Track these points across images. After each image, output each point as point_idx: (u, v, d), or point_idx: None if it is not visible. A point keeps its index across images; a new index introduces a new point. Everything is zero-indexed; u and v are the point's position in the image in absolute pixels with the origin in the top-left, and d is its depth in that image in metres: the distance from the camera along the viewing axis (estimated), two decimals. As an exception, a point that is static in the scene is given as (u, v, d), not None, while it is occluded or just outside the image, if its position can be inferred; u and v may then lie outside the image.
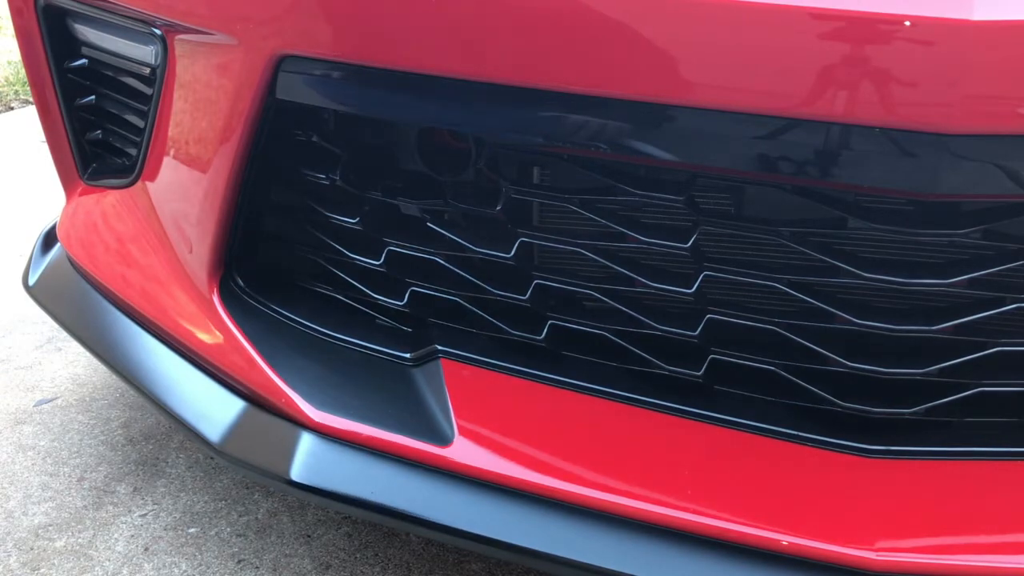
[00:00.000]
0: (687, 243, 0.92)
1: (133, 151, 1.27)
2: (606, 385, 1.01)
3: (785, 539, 0.87)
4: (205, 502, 1.50)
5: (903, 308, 0.92)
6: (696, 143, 0.84)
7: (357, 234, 1.11)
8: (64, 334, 1.65)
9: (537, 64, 0.83)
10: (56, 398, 1.76)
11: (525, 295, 1.03)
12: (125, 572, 1.36)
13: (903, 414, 0.92)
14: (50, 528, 1.44)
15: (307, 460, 1.03)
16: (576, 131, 0.87)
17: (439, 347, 1.08)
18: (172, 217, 1.22)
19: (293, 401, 1.03)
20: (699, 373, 0.97)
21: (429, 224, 1.06)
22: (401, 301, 1.12)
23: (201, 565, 1.38)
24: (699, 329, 0.95)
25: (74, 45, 1.31)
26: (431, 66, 0.89)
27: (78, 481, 1.54)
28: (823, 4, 0.73)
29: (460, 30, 0.85)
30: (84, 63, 1.32)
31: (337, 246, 1.12)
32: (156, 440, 1.66)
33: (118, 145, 1.36)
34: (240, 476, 1.54)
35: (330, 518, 1.46)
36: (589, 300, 1.02)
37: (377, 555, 1.39)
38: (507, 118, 0.90)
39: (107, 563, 1.38)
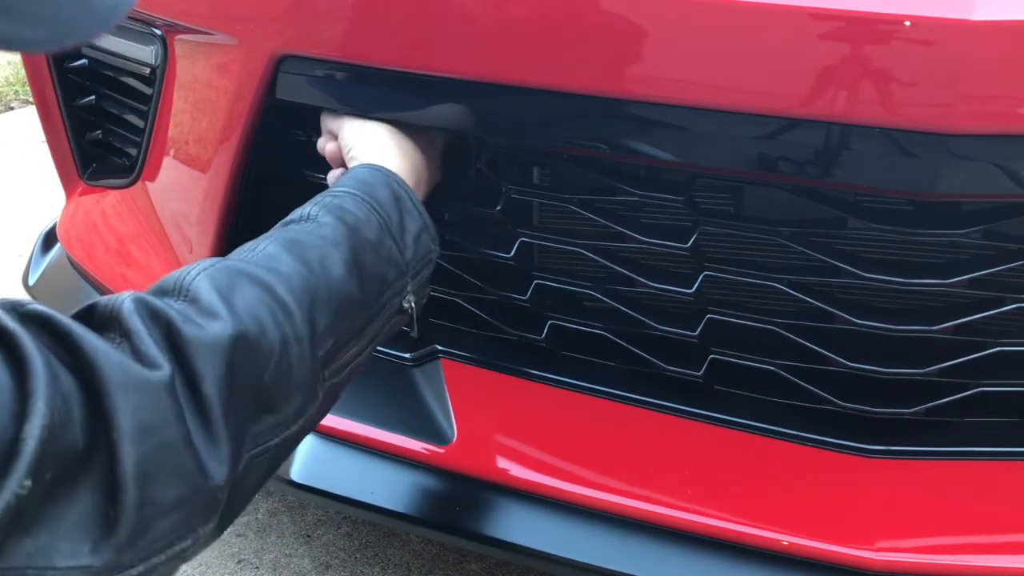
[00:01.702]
0: (687, 243, 0.92)
1: (133, 151, 1.27)
2: (606, 385, 1.01)
3: (785, 539, 0.87)
4: (205, 502, 1.50)
5: (903, 308, 0.92)
6: (697, 143, 0.84)
7: (357, 234, 1.10)
8: (64, 334, 1.64)
9: (537, 64, 0.83)
10: (56, 398, 1.76)
11: (525, 295, 1.03)
12: (125, 572, 1.36)
13: (903, 414, 0.92)
14: (50, 528, 1.44)
15: (307, 460, 1.03)
16: (576, 131, 0.87)
17: (439, 347, 1.08)
18: (172, 217, 1.22)
19: (293, 401, 1.03)
20: (699, 373, 0.97)
21: (429, 224, 1.06)
22: (401, 301, 1.12)
23: (201, 565, 1.38)
24: (699, 329, 0.95)
25: (74, 45, 1.31)
26: (431, 66, 0.89)
27: (78, 481, 1.54)
28: (823, 4, 0.73)
29: (460, 30, 0.85)
30: (84, 63, 1.32)
31: (337, 246, 1.12)
32: (156, 440, 1.65)
33: (118, 145, 1.35)
34: (240, 476, 1.54)
35: (330, 518, 1.46)
36: (589, 300, 1.02)
37: (377, 555, 1.39)
38: (507, 118, 0.90)
39: (107, 563, 1.37)
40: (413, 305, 0.83)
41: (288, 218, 0.82)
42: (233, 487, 0.67)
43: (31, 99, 1.90)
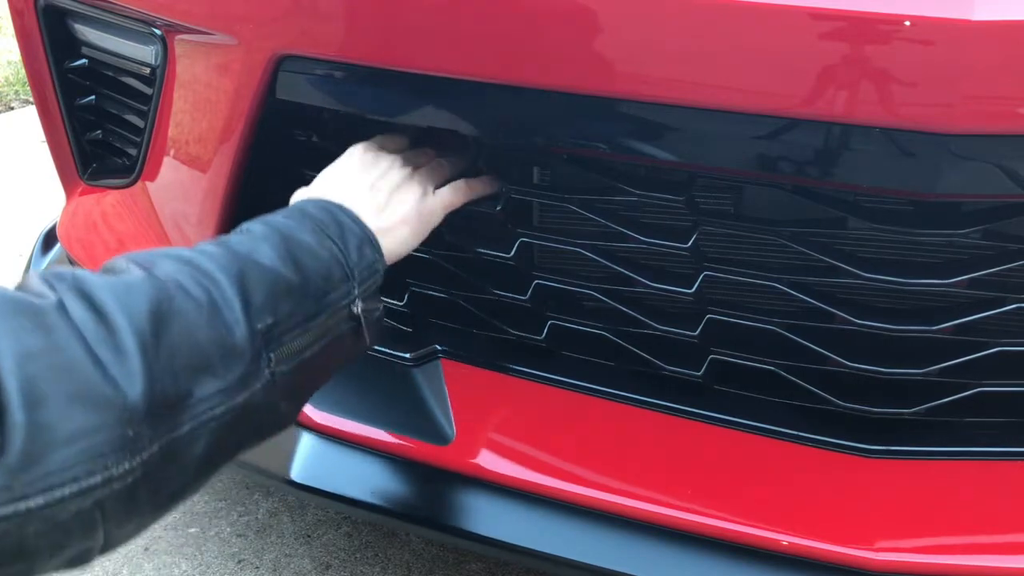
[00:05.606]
0: (687, 243, 0.92)
1: (133, 151, 1.27)
2: (606, 385, 1.01)
3: (785, 539, 0.87)
4: (205, 502, 1.50)
5: (903, 308, 0.92)
6: (697, 143, 0.84)
7: (357, 234, 1.10)
8: (64, 334, 1.65)
9: (537, 63, 0.83)
10: (56, 398, 1.76)
11: (525, 295, 1.03)
12: (125, 572, 1.36)
13: (903, 414, 0.92)
14: (50, 528, 1.44)
15: (307, 460, 1.03)
16: (577, 131, 0.87)
17: (439, 347, 1.08)
18: (172, 217, 1.22)
19: (293, 401, 1.03)
20: (699, 373, 0.97)
21: (429, 224, 1.06)
22: (401, 301, 1.12)
23: (201, 565, 1.38)
24: (699, 329, 0.95)
25: (74, 45, 1.31)
26: (431, 66, 0.89)
27: (78, 481, 1.54)
28: (823, 4, 0.73)
29: (459, 29, 0.85)
30: (84, 63, 1.32)
31: (337, 246, 1.12)
32: (156, 440, 1.65)
33: (118, 145, 1.36)
34: (240, 476, 1.54)
35: (330, 518, 1.46)
36: (589, 300, 1.02)
37: (377, 555, 1.39)
38: (507, 118, 0.90)
39: (107, 563, 1.38)
40: (361, 311, 0.83)
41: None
42: (175, 452, 0.66)
43: (31, 99, 1.90)
